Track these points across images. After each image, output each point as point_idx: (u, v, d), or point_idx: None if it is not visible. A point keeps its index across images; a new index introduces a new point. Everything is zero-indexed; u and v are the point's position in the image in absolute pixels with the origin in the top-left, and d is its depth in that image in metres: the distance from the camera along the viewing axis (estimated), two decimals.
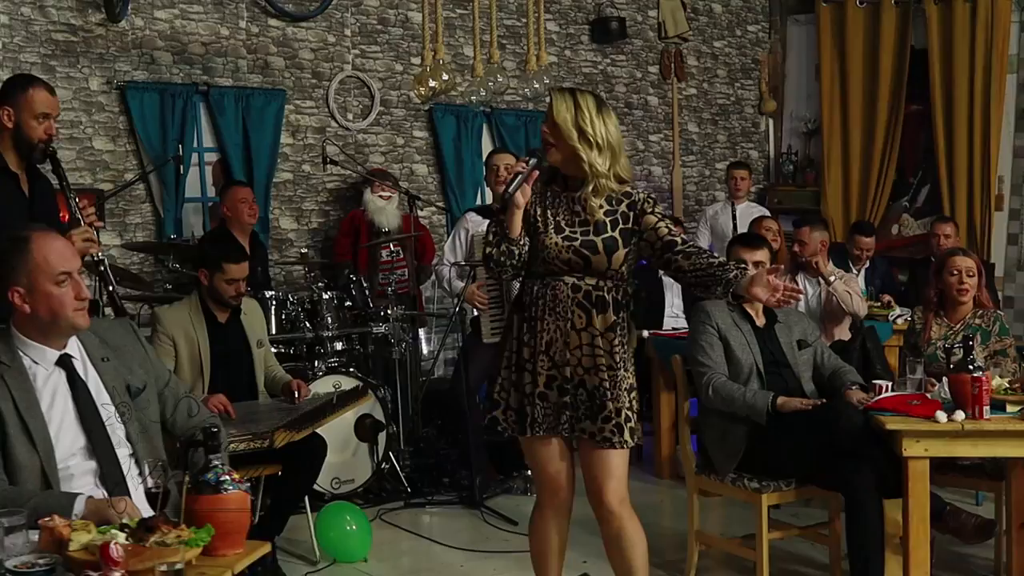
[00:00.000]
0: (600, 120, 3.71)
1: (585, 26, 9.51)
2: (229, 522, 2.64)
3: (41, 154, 4.39)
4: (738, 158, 10.25)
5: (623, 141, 3.82)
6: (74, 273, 3.01)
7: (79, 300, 2.99)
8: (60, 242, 3.07)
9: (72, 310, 2.99)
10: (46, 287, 2.95)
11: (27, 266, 2.96)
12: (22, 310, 2.97)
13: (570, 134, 3.69)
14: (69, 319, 2.99)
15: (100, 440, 3.02)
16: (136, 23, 7.18)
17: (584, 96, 3.76)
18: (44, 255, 2.97)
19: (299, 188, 7.96)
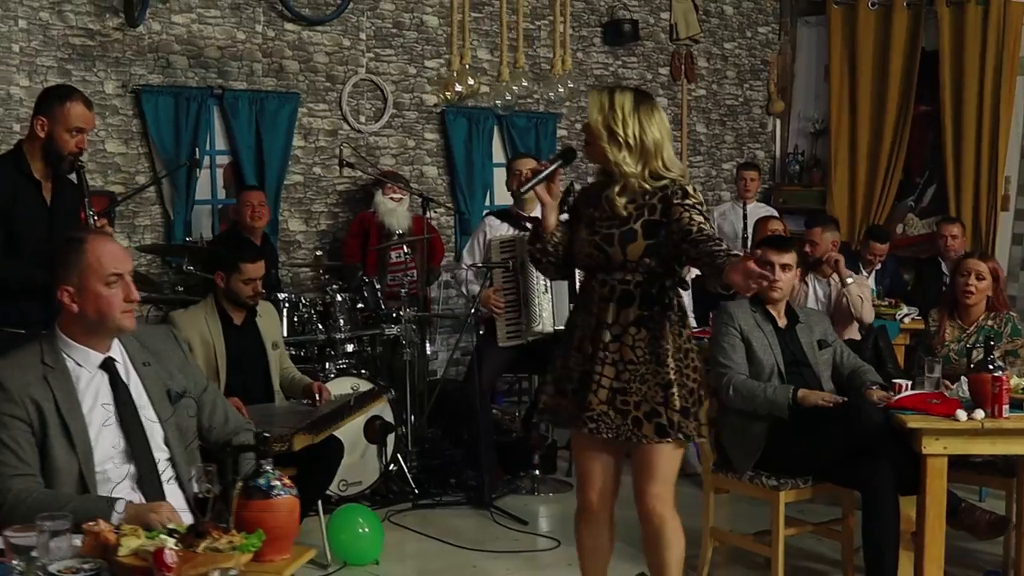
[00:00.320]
0: (634, 119, 3.72)
1: (597, 28, 9.54)
2: (279, 527, 2.65)
3: (69, 166, 4.46)
4: (745, 158, 10.28)
5: (668, 135, 3.79)
6: (125, 275, 3.04)
7: (127, 302, 3.03)
8: (114, 245, 3.11)
9: (120, 311, 3.02)
10: (96, 287, 2.99)
11: (79, 266, 2.99)
12: (70, 309, 3.01)
13: (600, 134, 3.74)
14: (116, 320, 3.03)
15: (139, 444, 3.05)
16: (153, 27, 7.22)
17: (622, 95, 3.77)
18: (97, 255, 3.00)
19: (309, 190, 8.00)
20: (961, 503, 4.79)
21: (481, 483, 6.21)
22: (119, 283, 3.02)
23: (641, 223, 3.74)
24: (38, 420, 2.93)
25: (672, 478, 3.91)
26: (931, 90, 9.65)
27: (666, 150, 3.77)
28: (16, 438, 2.91)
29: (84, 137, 4.44)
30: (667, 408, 3.74)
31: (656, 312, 3.76)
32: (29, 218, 4.39)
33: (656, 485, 3.86)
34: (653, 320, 3.76)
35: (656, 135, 3.74)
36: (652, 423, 3.75)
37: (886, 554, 4.43)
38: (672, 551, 3.93)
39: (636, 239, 3.74)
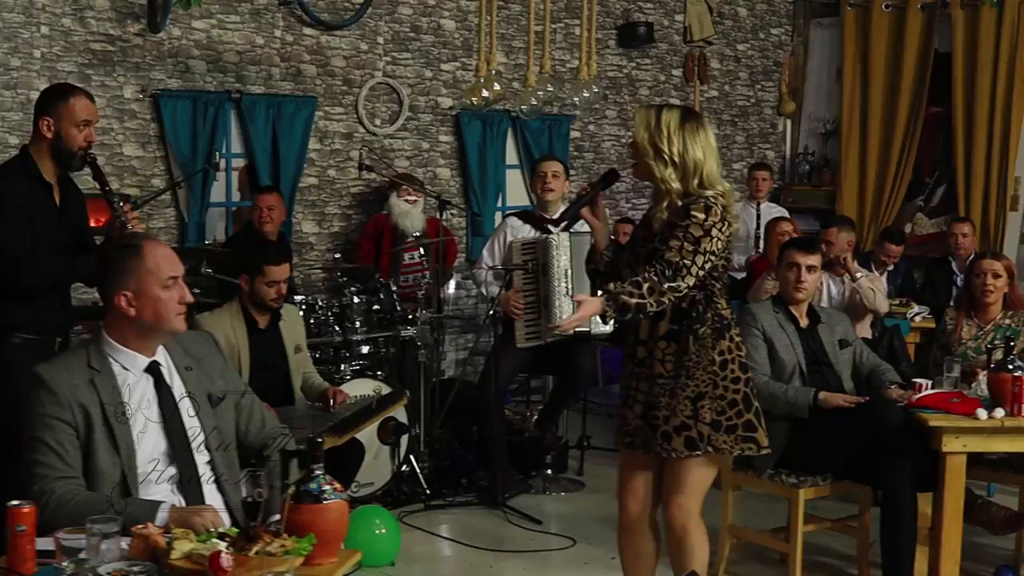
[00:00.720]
0: (679, 136, 3.75)
1: (612, 31, 9.60)
2: (329, 531, 2.70)
3: (81, 161, 4.41)
4: (755, 159, 10.34)
5: (713, 154, 3.82)
6: (180, 277, 3.11)
7: (181, 304, 3.10)
8: (167, 248, 3.18)
9: (175, 314, 3.09)
10: (155, 291, 3.05)
11: (139, 271, 3.05)
12: (126, 313, 3.05)
13: (646, 152, 3.79)
14: (171, 322, 3.09)
15: (181, 446, 3.11)
16: (173, 33, 7.28)
17: (669, 112, 3.81)
18: (156, 260, 3.07)
19: (323, 193, 8.07)
20: (977, 499, 4.86)
21: (493, 483, 6.25)
22: (175, 286, 3.09)
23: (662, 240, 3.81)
24: (84, 423, 2.98)
25: (700, 491, 3.96)
26: (943, 91, 9.72)
27: (707, 168, 3.79)
28: (61, 441, 2.96)
29: (92, 130, 4.42)
30: (697, 421, 3.79)
31: (684, 325, 3.81)
32: (43, 220, 4.39)
33: (682, 497, 3.92)
34: (681, 333, 3.81)
35: (698, 154, 3.77)
36: (682, 436, 3.80)
37: (904, 550, 4.52)
38: (693, 559, 3.98)
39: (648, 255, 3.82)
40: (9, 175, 4.43)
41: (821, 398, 4.68)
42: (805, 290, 5.00)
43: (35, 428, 2.98)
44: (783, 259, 5.10)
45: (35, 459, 2.96)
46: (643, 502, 4.05)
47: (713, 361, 3.80)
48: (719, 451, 3.83)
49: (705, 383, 3.79)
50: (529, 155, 8.98)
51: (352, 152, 8.06)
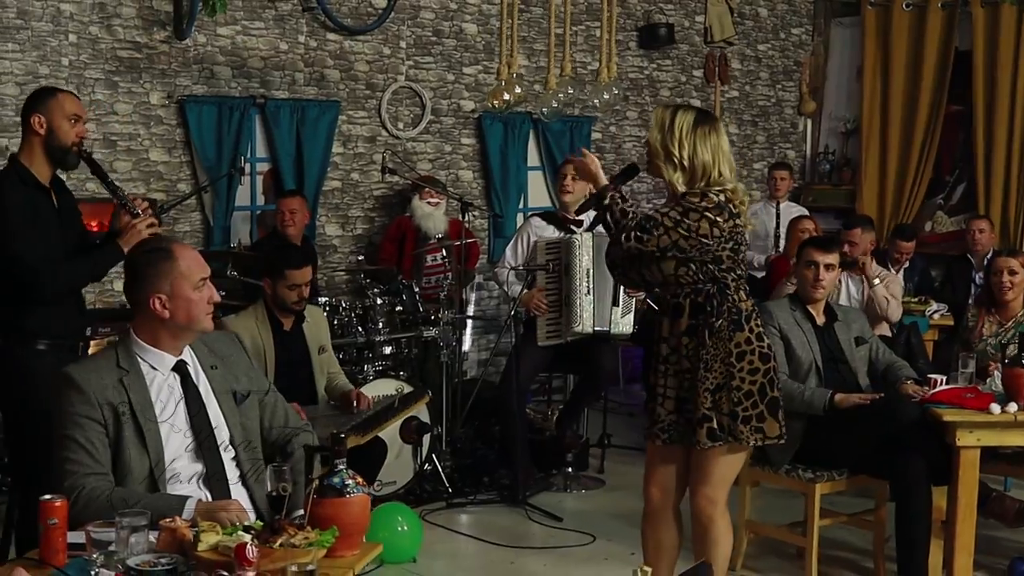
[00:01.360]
0: (691, 140, 3.83)
1: (633, 32, 9.67)
2: (352, 524, 2.80)
3: (75, 157, 4.39)
4: (776, 158, 10.40)
5: (724, 157, 3.88)
6: (208, 278, 3.22)
7: (210, 304, 3.22)
8: (195, 251, 3.31)
9: (205, 313, 3.21)
10: (187, 292, 3.16)
11: (172, 274, 3.16)
12: (160, 315, 3.16)
13: (658, 153, 3.89)
14: (202, 322, 3.21)
15: (208, 443, 3.21)
16: (199, 40, 7.39)
17: (684, 115, 3.88)
18: (188, 263, 3.19)
19: (346, 196, 8.16)
20: (991, 492, 4.90)
21: (514, 481, 6.33)
22: (205, 287, 3.21)
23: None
24: (113, 422, 3.09)
25: (726, 482, 4.06)
26: (963, 89, 9.75)
27: (715, 171, 3.86)
28: (91, 439, 3.06)
29: (83, 127, 4.41)
30: (716, 412, 3.88)
31: (700, 320, 3.90)
32: (49, 226, 4.39)
33: (707, 487, 4.02)
34: (699, 328, 3.90)
35: (707, 158, 3.85)
36: (704, 428, 3.89)
37: (918, 544, 4.58)
38: (718, 549, 4.09)
39: (665, 256, 3.87)
40: (6, 185, 4.34)
41: (837, 400, 4.75)
42: (823, 288, 5.06)
43: (66, 427, 3.08)
44: (801, 257, 5.17)
45: (66, 456, 3.06)
46: (668, 492, 4.14)
47: (730, 353, 3.88)
48: (739, 441, 3.91)
49: (723, 375, 3.88)
50: (551, 157, 9.06)
51: (375, 155, 8.16)
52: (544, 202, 8.98)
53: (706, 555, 4.08)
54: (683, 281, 3.90)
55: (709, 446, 3.90)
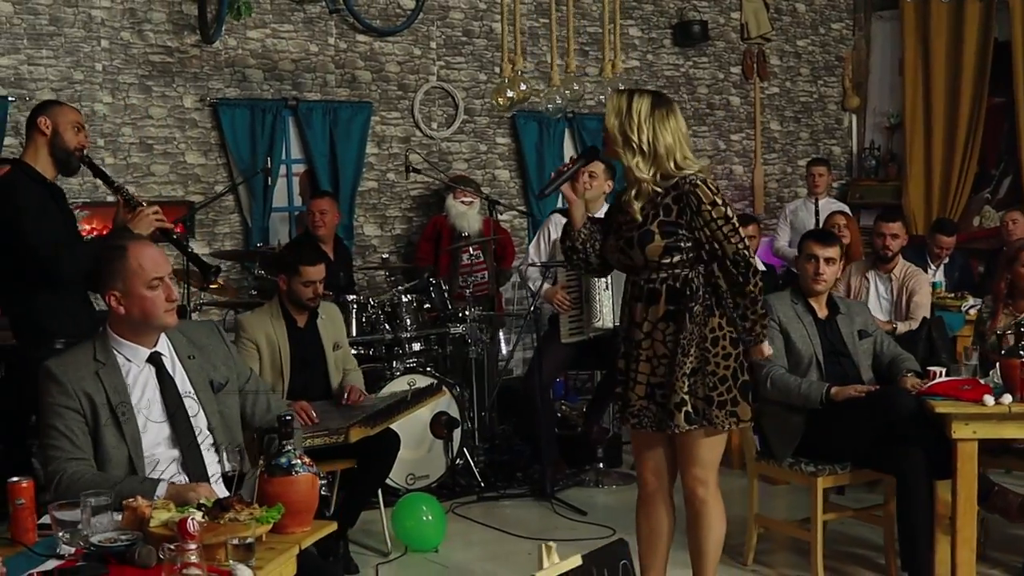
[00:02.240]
0: (649, 125, 3.83)
1: (667, 30, 9.68)
2: (299, 502, 2.88)
3: (78, 161, 4.60)
4: (820, 154, 10.33)
5: (683, 138, 3.90)
6: (166, 278, 3.29)
7: (169, 302, 3.29)
8: (153, 249, 3.36)
9: (163, 311, 3.28)
10: (140, 290, 3.25)
11: (124, 272, 3.25)
12: (117, 311, 3.27)
13: (615, 139, 3.88)
14: (160, 319, 3.29)
15: (184, 431, 3.30)
16: (229, 43, 7.56)
17: (640, 99, 3.88)
18: (139, 262, 3.26)
19: (383, 196, 8.28)
20: (994, 487, 4.84)
21: (543, 476, 6.38)
22: (161, 286, 3.28)
23: (657, 224, 3.88)
24: (90, 411, 3.20)
25: (712, 462, 4.07)
26: (1005, 81, 9.61)
27: (679, 153, 3.88)
28: (71, 427, 3.18)
29: (85, 136, 4.64)
30: (692, 396, 3.90)
31: (681, 305, 3.91)
32: (63, 221, 4.58)
33: (696, 468, 4.03)
34: (679, 313, 3.90)
35: (669, 140, 3.86)
36: (682, 412, 3.90)
37: (919, 537, 4.54)
38: (712, 533, 4.10)
39: (654, 240, 3.88)
40: (15, 182, 4.54)
41: (833, 393, 4.72)
42: (824, 282, 5.03)
43: (47, 417, 3.21)
44: (802, 250, 5.16)
45: (48, 443, 3.19)
46: (660, 477, 4.15)
47: (705, 338, 3.90)
48: (713, 425, 3.92)
49: (699, 359, 3.90)
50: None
51: (410, 156, 8.24)
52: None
53: (700, 541, 4.11)
54: (663, 266, 3.91)
55: (686, 429, 3.91)
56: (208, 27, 7.25)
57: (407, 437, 6.18)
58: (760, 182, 10.19)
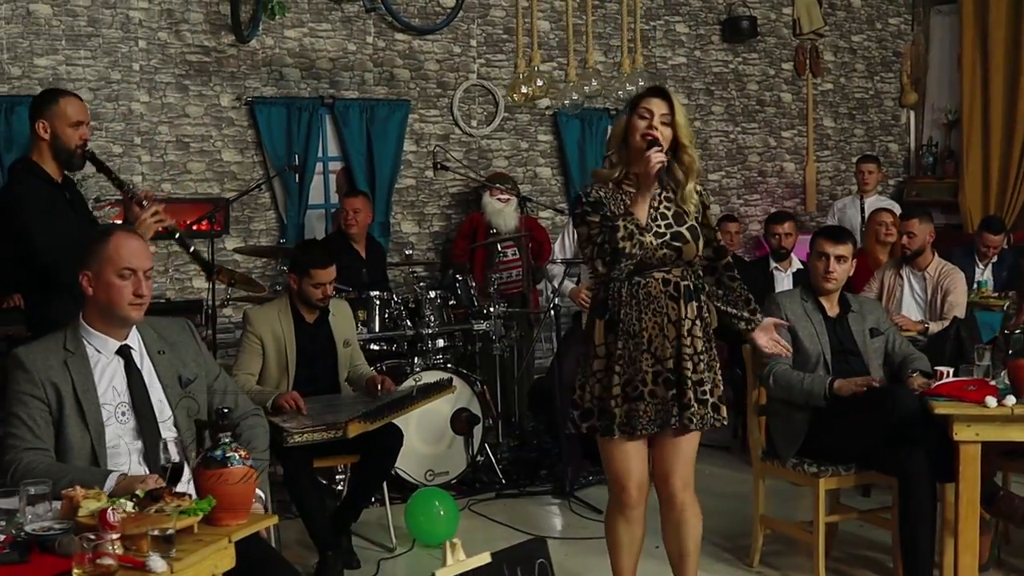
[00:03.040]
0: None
1: (716, 26, 9.59)
2: (233, 494, 2.89)
3: (80, 159, 4.58)
4: (876, 151, 10.17)
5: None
6: (139, 271, 3.32)
7: (136, 296, 3.32)
8: (136, 242, 3.39)
9: (127, 303, 3.32)
10: (109, 276, 3.30)
11: (100, 255, 3.31)
12: (86, 291, 3.33)
13: (687, 134, 3.91)
14: (123, 310, 3.33)
15: (148, 424, 3.36)
16: (266, 42, 7.64)
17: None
18: (116, 248, 3.31)
19: (421, 193, 8.31)
20: (1000, 490, 4.71)
21: (563, 474, 6.36)
22: (132, 277, 3.32)
23: (698, 221, 3.99)
24: (55, 400, 3.26)
25: (694, 461, 4.09)
26: None
27: None
28: (33, 416, 3.24)
29: (85, 129, 4.59)
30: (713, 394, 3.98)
31: (703, 301, 3.99)
32: (65, 219, 4.57)
33: (687, 469, 4.05)
34: (702, 309, 3.97)
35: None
36: (708, 407, 3.95)
37: (921, 541, 4.45)
38: (696, 533, 4.11)
39: (700, 237, 3.96)
40: (22, 181, 4.57)
41: (836, 387, 4.64)
42: (834, 280, 4.95)
43: (11, 404, 3.28)
44: (813, 248, 5.08)
45: (9, 432, 3.26)
46: (642, 487, 4.09)
47: (710, 338, 4.00)
48: (719, 423, 4.02)
49: (710, 357, 4.00)
50: None
51: (450, 153, 8.28)
52: None
53: (686, 542, 4.10)
54: (692, 263, 4.00)
55: (705, 428, 3.95)
56: (242, 27, 7.34)
57: (426, 433, 6.26)
58: (812, 179, 10.04)
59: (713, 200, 9.63)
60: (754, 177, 9.85)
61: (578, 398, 4.01)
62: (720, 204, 9.63)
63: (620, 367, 3.90)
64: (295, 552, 5.26)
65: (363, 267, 6.82)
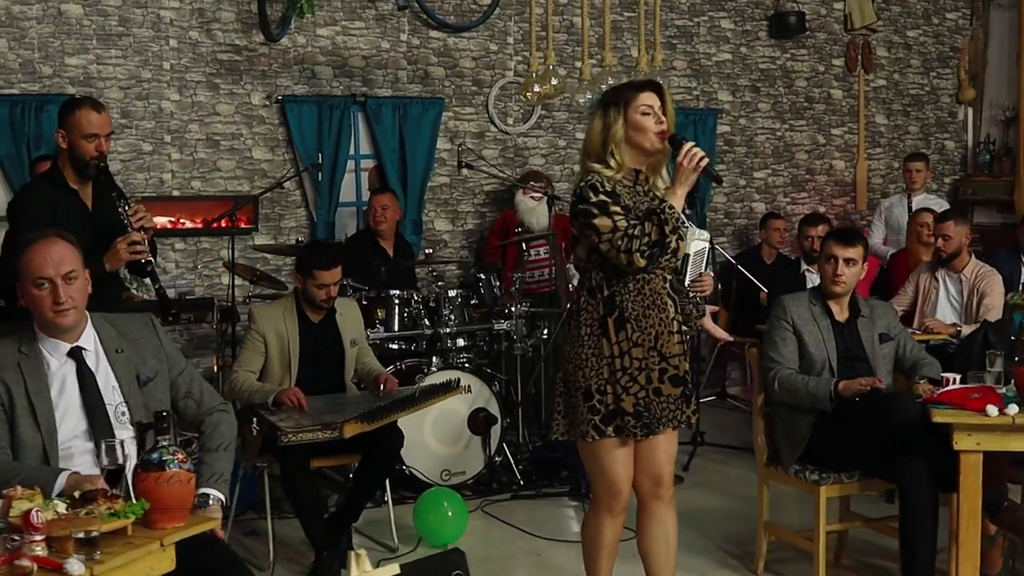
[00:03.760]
0: None
1: (763, 22, 9.42)
2: (169, 497, 2.87)
3: (94, 170, 4.64)
4: (931, 149, 9.94)
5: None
6: (55, 279, 3.29)
7: (56, 304, 3.30)
8: (49, 249, 3.33)
9: (50, 311, 3.31)
10: (28, 287, 3.31)
11: (20, 267, 3.33)
12: (23, 303, 3.34)
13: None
14: (47, 318, 3.32)
15: (101, 424, 3.34)
16: (298, 41, 7.66)
17: None
18: (29, 259, 3.30)
19: (455, 191, 8.27)
20: (1004, 502, 4.53)
21: (581, 475, 6.26)
22: (47, 286, 3.29)
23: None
24: (8, 401, 3.28)
25: None
26: None
27: None
28: None
29: (102, 141, 4.64)
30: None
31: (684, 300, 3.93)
32: (71, 224, 4.45)
33: (671, 467, 4.01)
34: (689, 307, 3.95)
35: None
36: (692, 406, 3.97)
37: (921, 552, 4.32)
38: (674, 539, 4.04)
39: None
40: (35, 187, 4.85)
41: (840, 387, 4.51)
42: (843, 283, 4.80)
43: None
44: (822, 250, 4.95)
45: None
46: (629, 487, 3.99)
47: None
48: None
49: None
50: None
51: (484, 151, 8.24)
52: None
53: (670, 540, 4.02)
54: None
55: (688, 427, 4.00)
56: (271, 26, 7.35)
57: (443, 433, 6.21)
58: (863, 177, 9.82)
59: (758, 198, 9.48)
60: (802, 175, 9.66)
61: (598, 403, 3.82)
62: (766, 203, 9.46)
63: (638, 366, 3.80)
64: (293, 550, 5.26)
65: (383, 265, 6.77)
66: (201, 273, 7.45)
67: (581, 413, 3.84)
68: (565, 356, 3.93)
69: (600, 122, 3.87)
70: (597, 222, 3.71)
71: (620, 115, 3.82)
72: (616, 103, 3.85)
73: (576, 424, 3.88)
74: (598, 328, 3.83)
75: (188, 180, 7.39)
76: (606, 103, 3.89)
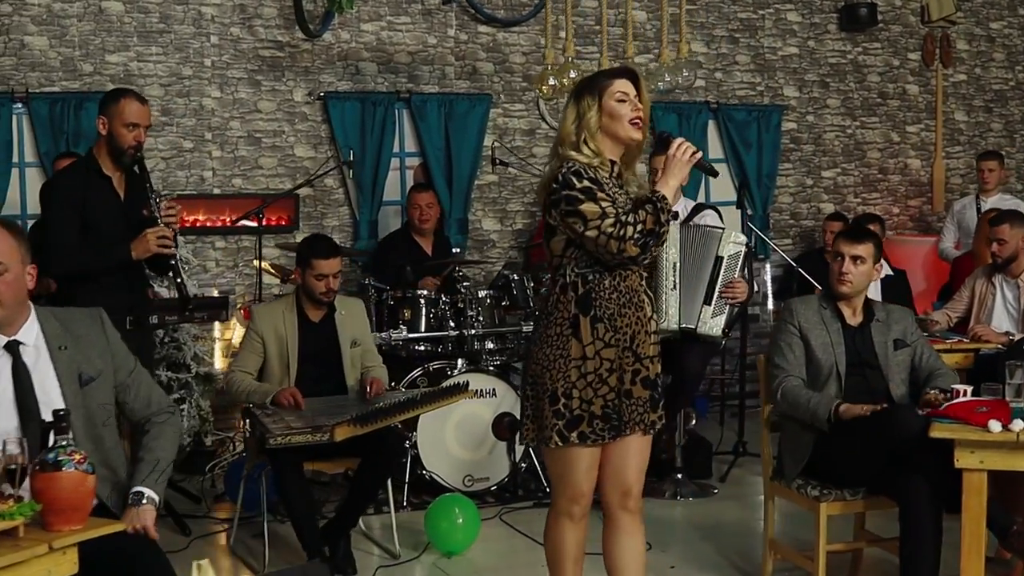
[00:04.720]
0: None
1: (832, 14, 9.09)
2: (64, 499, 2.81)
3: (130, 159, 4.83)
4: (1016, 147, 9.47)
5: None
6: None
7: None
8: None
9: None
10: None
11: None
12: None
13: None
14: None
15: (32, 423, 3.27)
16: (342, 37, 7.60)
17: None
18: None
19: (504, 190, 8.12)
20: (1013, 525, 4.22)
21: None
22: None
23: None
24: None
25: None
26: None
27: None
28: None
29: (141, 132, 4.81)
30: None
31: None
32: (104, 211, 4.84)
33: (641, 473, 3.84)
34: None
35: None
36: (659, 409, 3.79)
37: (921, 571, 4.03)
38: (643, 550, 3.88)
39: None
40: (69, 173, 5.07)
41: (841, 411, 4.26)
42: (849, 283, 4.53)
43: None
44: (832, 248, 4.69)
45: None
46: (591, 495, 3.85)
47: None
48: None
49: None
50: (733, 148, 8.68)
51: (535, 149, 8.09)
52: (729, 195, 8.55)
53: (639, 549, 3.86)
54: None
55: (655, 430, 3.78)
56: (309, 22, 7.29)
57: (466, 437, 6.09)
58: (940, 177, 9.41)
59: (826, 199, 9.15)
60: (874, 174, 9.29)
61: (563, 407, 3.64)
62: (835, 203, 9.12)
63: (608, 367, 3.63)
64: (288, 552, 5.17)
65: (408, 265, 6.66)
66: (242, 272, 7.42)
67: (546, 417, 3.67)
68: (532, 357, 3.75)
69: (574, 111, 3.70)
70: (584, 208, 3.51)
71: (595, 103, 3.65)
72: (591, 91, 3.69)
73: (542, 428, 3.72)
74: (568, 328, 3.63)
75: (229, 178, 7.38)
76: (580, 91, 3.72)
